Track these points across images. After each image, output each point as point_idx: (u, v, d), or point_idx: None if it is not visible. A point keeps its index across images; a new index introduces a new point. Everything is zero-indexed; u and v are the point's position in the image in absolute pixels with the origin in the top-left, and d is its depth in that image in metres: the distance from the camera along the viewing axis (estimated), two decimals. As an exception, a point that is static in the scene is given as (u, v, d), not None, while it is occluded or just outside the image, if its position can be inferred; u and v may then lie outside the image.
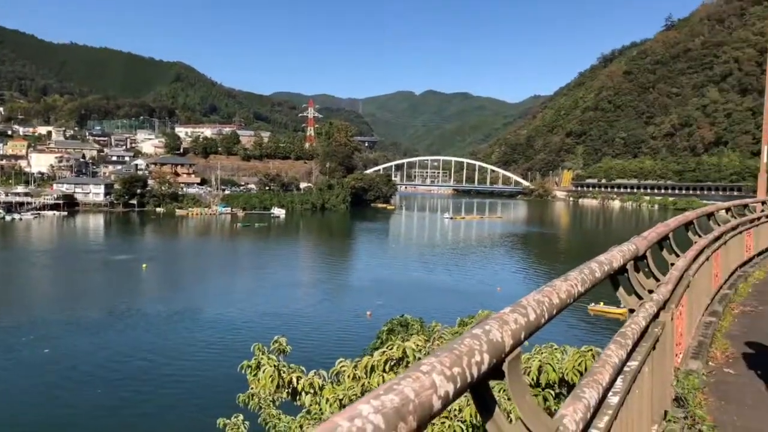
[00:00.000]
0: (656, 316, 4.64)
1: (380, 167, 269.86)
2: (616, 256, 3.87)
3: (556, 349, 7.67)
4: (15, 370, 37.17)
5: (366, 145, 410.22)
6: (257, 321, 49.85)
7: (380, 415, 1.09)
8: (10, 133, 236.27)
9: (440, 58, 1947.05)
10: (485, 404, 1.77)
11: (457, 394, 1.42)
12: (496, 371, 1.75)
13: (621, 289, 4.34)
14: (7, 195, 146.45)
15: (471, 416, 6.01)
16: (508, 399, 5.77)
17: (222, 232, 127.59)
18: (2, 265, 76.67)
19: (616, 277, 4.14)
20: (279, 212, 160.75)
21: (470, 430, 6.14)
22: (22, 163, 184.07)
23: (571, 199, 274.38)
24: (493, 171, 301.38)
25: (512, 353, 1.82)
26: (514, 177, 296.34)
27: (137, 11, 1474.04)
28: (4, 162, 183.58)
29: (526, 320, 1.97)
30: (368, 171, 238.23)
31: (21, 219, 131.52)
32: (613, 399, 3.14)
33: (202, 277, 72.55)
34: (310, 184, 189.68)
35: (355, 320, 51.39)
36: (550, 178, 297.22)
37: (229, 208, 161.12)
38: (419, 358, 6.91)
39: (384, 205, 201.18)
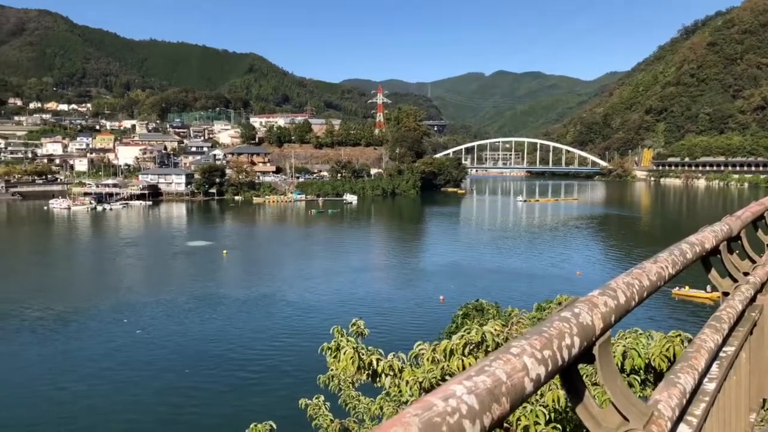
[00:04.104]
0: (753, 299, 4.41)
1: (450, 151, 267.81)
2: (708, 237, 3.68)
3: (641, 334, 7.43)
4: (113, 349, 39.61)
5: (435, 129, 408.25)
6: (333, 304, 50.87)
7: (474, 396, 1.10)
8: (98, 127, 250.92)
9: (510, 38, 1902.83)
10: (575, 388, 1.74)
11: (548, 377, 1.42)
12: (585, 355, 1.73)
13: (713, 272, 4.13)
14: (98, 186, 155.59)
15: (553, 401, 5.94)
16: (593, 384, 5.65)
17: (297, 219, 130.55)
18: (98, 253, 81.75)
19: (708, 259, 3.94)
20: (351, 198, 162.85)
21: (552, 415, 6.06)
22: (110, 155, 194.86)
23: (652, 178, 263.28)
24: (568, 151, 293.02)
25: (602, 336, 1.79)
26: (591, 157, 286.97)
27: (212, 5, 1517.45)
28: (94, 155, 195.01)
29: (616, 303, 1.94)
30: (438, 155, 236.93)
31: (111, 209, 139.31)
32: (710, 386, 3.01)
33: (280, 262, 74.60)
34: (380, 170, 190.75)
35: (428, 304, 51.54)
36: (629, 158, 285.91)
37: (304, 195, 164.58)
38: (498, 344, 6.85)
39: (454, 190, 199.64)
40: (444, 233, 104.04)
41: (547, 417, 5.81)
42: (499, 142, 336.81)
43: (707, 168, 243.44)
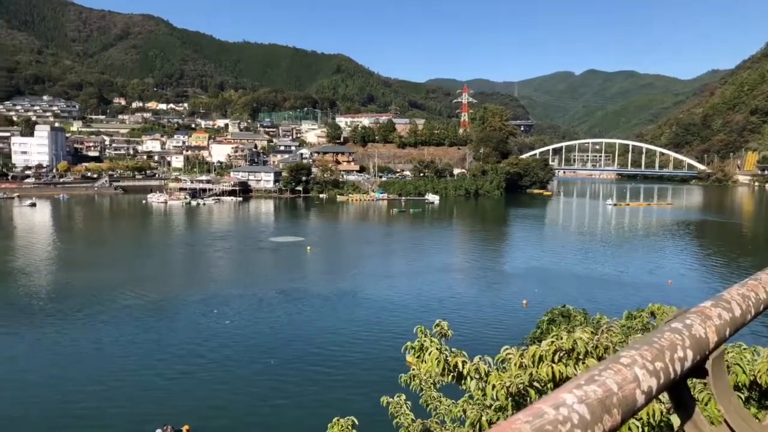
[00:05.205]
0: None
1: (536, 152, 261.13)
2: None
3: (745, 348, 6.96)
4: (204, 338, 41.53)
5: (521, 129, 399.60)
6: (414, 304, 51.00)
7: (585, 406, 1.09)
8: (193, 126, 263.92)
9: (603, 35, 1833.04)
10: (683, 404, 1.67)
11: (660, 390, 1.37)
12: (697, 369, 1.66)
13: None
14: (192, 182, 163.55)
15: (648, 415, 5.68)
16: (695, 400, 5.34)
17: (379, 217, 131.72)
18: (191, 245, 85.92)
19: None
20: (433, 198, 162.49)
21: (646, 429, 5.80)
22: (204, 153, 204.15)
23: (756, 184, 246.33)
24: (662, 154, 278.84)
25: (716, 350, 1.71)
26: (687, 160, 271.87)
27: (302, 7, 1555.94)
28: (189, 152, 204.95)
29: (731, 316, 1.84)
30: (524, 156, 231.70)
31: (204, 204, 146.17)
32: None
33: (362, 260, 75.54)
34: (463, 170, 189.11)
35: (511, 308, 50.67)
36: (730, 161, 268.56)
37: (386, 194, 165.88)
38: (588, 352, 6.61)
39: (540, 191, 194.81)
40: (528, 236, 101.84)
41: (641, 431, 5.57)
42: (588, 143, 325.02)
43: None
